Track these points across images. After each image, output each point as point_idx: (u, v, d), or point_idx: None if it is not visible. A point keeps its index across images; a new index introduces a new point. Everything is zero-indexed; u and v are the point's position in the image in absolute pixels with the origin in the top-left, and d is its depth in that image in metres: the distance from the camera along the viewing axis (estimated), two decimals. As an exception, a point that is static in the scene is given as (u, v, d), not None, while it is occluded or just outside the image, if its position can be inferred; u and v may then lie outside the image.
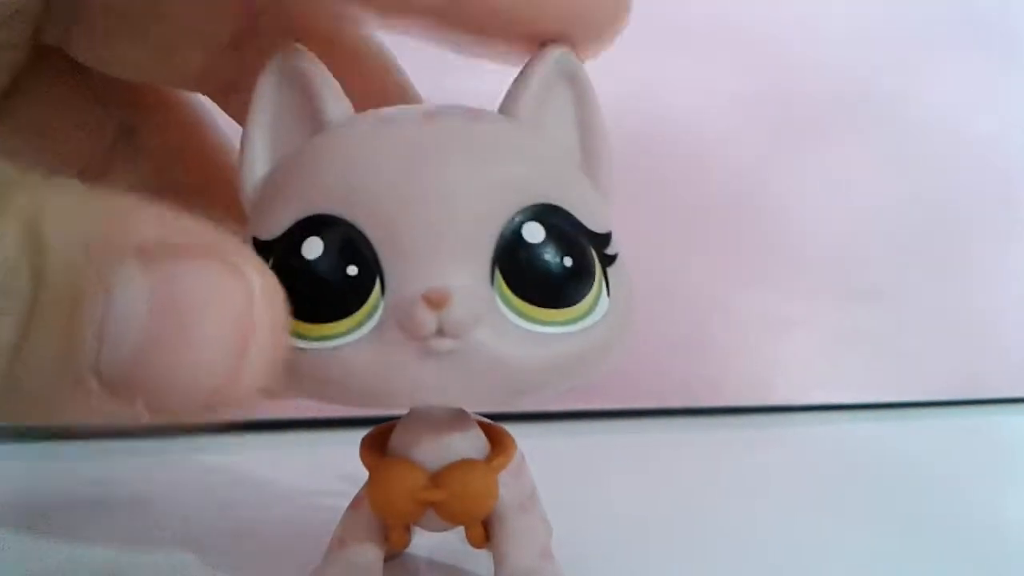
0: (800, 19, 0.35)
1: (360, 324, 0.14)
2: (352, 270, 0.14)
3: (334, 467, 0.20)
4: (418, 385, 0.14)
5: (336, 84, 0.15)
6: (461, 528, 0.17)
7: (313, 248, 0.14)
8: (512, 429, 0.17)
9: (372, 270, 0.14)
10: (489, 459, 0.16)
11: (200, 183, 0.19)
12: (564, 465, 0.18)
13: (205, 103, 0.19)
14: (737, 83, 0.34)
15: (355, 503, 0.17)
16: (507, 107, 0.15)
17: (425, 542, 0.19)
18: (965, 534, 0.21)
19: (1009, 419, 0.36)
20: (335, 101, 0.15)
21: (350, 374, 0.14)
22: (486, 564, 0.17)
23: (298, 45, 0.15)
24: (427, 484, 0.15)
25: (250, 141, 0.15)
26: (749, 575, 0.19)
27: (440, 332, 0.13)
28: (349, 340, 0.14)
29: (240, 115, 0.18)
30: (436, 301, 0.13)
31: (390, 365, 0.13)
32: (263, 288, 0.12)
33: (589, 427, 0.33)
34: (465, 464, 0.16)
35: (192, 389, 0.11)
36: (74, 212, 0.11)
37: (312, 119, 0.15)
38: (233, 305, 0.11)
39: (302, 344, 0.14)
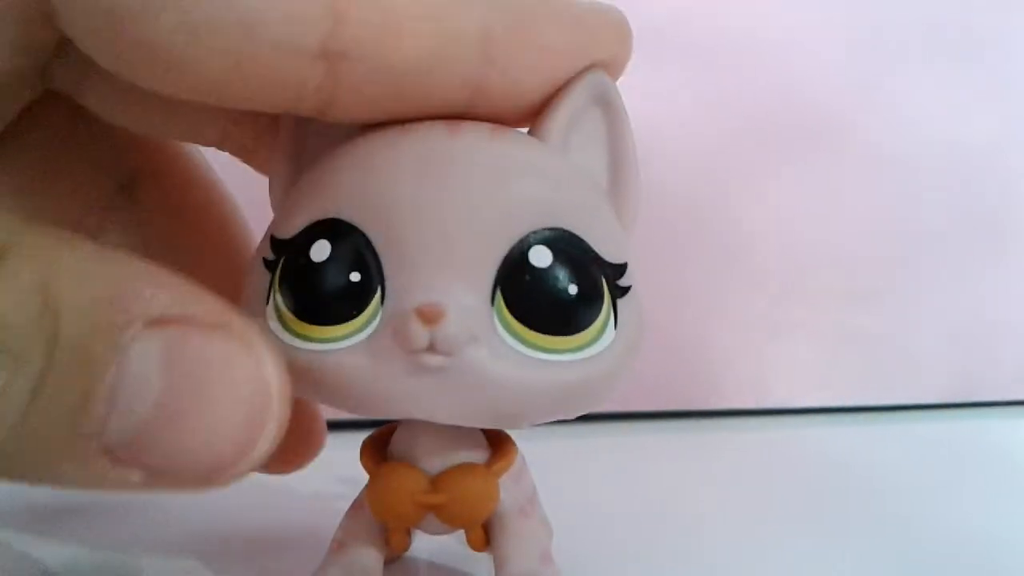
0: (795, 26, 0.35)
1: (358, 330, 0.14)
2: (355, 276, 0.14)
3: (334, 469, 0.20)
4: (406, 398, 0.14)
5: None
6: (462, 532, 0.17)
7: (321, 251, 0.14)
8: (510, 431, 0.17)
9: (374, 278, 0.14)
10: (490, 463, 0.16)
11: (197, 243, 0.18)
12: (561, 468, 0.18)
13: (205, 154, 0.18)
14: (731, 88, 0.35)
15: (355, 506, 0.17)
16: (536, 128, 0.15)
17: (425, 545, 0.19)
18: (960, 536, 0.21)
19: (1005, 422, 0.36)
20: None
21: (342, 379, 0.14)
22: (486, 567, 0.17)
23: None
24: (427, 488, 0.15)
25: (281, 148, 0.16)
26: (745, 571, 0.19)
27: (431, 348, 0.13)
28: (345, 345, 0.14)
29: (262, 170, 0.18)
30: (429, 316, 0.13)
31: (381, 375, 0.13)
32: (275, 365, 0.12)
33: (586, 430, 0.32)
34: (465, 468, 0.16)
35: (197, 464, 0.11)
36: (86, 275, 0.11)
37: (340, 127, 0.15)
38: (247, 383, 0.11)
39: (301, 344, 0.14)
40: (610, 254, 0.14)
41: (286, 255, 0.14)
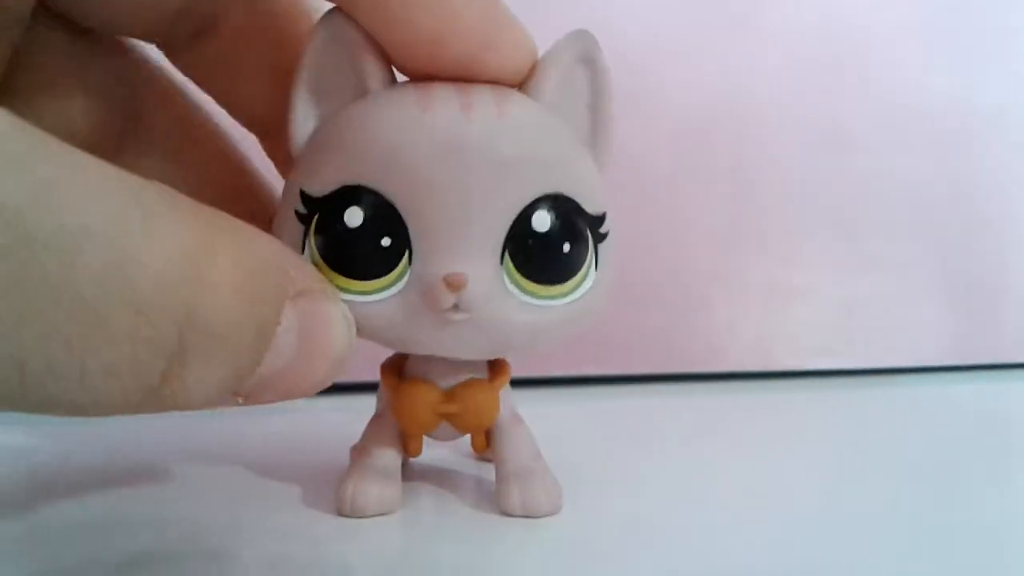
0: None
1: (390, 285, 0.16)
2: (386, 241, 0.16)
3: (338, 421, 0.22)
4: (435, 342, 0.17)
5: (378, 52, 0.17)
6: (466, 438, 0.19)
7: (354, 217, 0.16)
8: (520, 395, 0.20)
9: (403, 244, 0.16)
10: (491, 379, 0.19)
11: (203, 163, 0.20)
12: (565, 429, 0.19)
13: (205, 97, 0.20)
14: (740, 50, 0.36)
15: (375, 419, 0.20)
16: (531, 88, 0.17)
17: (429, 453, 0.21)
18: (960, 498, 0.21)
19: (1007, 385, 0.37)
20: (377, 69, 0.17)
21: (380, 325, 0.16)
22: (476, 468, 0.20)
23: (341, 12, 0.16)
24: (443, 399, 0.18)
25: (298, 98, 0.17)
26: (745, 530, 0.19)
27: (456, 307, 0.16)
28: (379, 298, 0.16)
29: (206, 68, 0.19)
30: (455, 283, 0.16)
31: (413, 324, 0.16)
32: (348, 312, 0.15)
33: (591, 392, 0.34)
34: (474, 383, 0.18)
35: (296, 394, 0.14)
36: (251, 256, 0.13)
37: (355, 83, 0.17)
38: (340, 335, 0.15)
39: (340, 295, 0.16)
40: (594, 207, 0.17)
41: (319, 213, 0.16)
